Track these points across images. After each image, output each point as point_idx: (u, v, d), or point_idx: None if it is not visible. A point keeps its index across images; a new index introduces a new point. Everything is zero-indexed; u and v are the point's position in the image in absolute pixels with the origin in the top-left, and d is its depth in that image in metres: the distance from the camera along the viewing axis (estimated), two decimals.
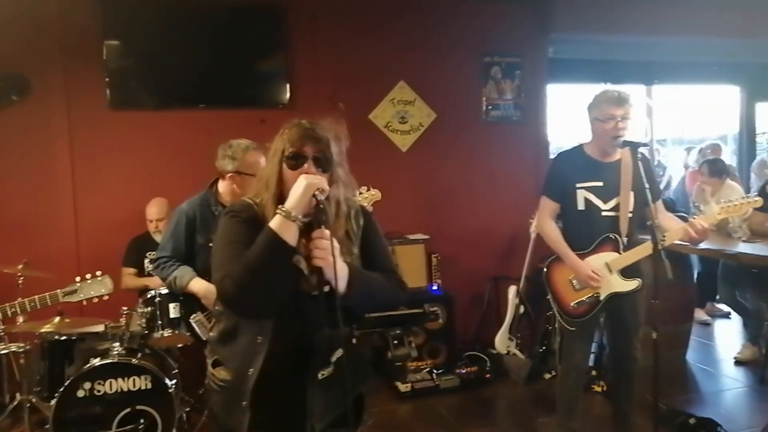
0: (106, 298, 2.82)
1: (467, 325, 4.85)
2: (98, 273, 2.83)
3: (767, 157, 5.81)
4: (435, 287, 4.56)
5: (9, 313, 2.87)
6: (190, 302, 2.89)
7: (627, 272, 2.88)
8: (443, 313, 4.44)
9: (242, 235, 1.54)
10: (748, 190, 5.30)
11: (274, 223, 1.46)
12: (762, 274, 4.13)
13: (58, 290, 2.73)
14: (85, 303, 2.84)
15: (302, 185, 1.48)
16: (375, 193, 3.17)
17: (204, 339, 2.83)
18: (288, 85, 4.52)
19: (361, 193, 3.09)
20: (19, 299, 2.87)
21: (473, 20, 4.96)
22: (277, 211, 1.47)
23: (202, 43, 4.34)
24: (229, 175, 2.76)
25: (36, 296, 2.78)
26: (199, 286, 2.72)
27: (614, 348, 3.17)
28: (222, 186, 2.85)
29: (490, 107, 5.04)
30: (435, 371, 4.21)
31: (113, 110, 4.20)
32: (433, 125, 4.90)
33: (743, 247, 3.87)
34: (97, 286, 2.80)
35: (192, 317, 2.93)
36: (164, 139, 4.31)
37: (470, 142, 5.01)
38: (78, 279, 2.81)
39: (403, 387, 4.01)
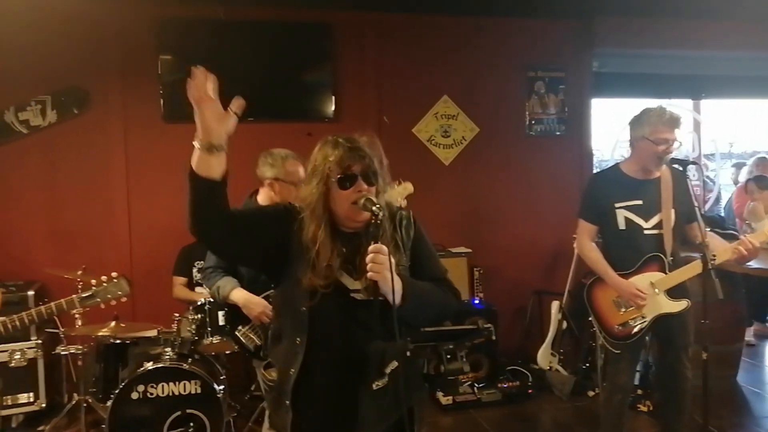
0: (124, 299, 2.62)
1: (509, 338, 4.81)
2: (114, 274, 2.64)
3: None
4: (477, 301, 4.56)
5: (26, 321, 2.59)
6: (235, 315, 2.82)
7: (674, 292, 2.81)
8: None
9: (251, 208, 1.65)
10: None
11: (192, 159, 1.51)
12: None
13: (74, 296, 2.56)
14: (103, 307, 2.64)
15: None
16: (407, 186, 2.97)
17: (251, 350, 2.81)
18: (333, 99, 4.60)
19: (393, 188, 2.87)
20: (34, 308, 2.64)
21: (517, 36, 4.98)
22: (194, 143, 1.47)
23: (251, 57, 4.44)
24: (268, 182, 2.76)
25: (53, 303, 2.57)
26: (239, 295, 2.68)
27: (663, 367, 3.09)
28: (261, 193, 2.84)
29: (533, 121, 5.03)
30: (477, 384, 4.19)
31: (166, 122, 4.35)
32: (475, 139, 4.93)
33: None
34: (113, 289, 2.60)
35: (237, 331, 2.87)
36: None
37: (513, 155, 5.01)
38: (94, 282, 2.59)
39: (444, 399, 4.01)
